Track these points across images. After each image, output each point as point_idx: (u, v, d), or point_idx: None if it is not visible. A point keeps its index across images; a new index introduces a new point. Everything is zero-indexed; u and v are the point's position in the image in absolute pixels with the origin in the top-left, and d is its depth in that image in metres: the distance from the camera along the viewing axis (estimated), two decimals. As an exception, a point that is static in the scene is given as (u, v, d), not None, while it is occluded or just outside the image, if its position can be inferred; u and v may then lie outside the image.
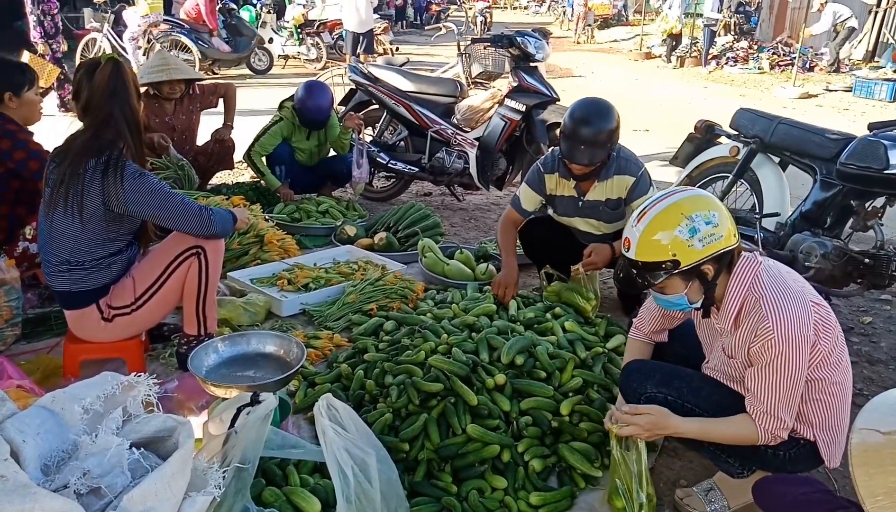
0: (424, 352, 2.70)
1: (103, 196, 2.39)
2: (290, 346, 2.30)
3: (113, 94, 2.46)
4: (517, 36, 4.90)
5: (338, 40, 14.20)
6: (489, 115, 5.13)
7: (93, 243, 2.47)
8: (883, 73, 12.85)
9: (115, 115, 2.46)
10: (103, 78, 2.45)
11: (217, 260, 2.64)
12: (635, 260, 1.98)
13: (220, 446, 1.75)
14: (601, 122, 3.09)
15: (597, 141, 3.09)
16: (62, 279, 2.51)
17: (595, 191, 3.33)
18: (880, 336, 3.67)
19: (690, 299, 2.02)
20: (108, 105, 2.46)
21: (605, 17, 26.33)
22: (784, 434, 1.93)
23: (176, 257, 2.58)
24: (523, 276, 4.11)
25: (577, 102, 3.22)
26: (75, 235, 2.43)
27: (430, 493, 2.17)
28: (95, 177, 2.38)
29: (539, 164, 3.44)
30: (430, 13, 26.55)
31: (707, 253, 1.91)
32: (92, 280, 2.51)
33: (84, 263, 2.48)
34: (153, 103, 4.65)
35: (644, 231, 1.95)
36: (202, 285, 2.63)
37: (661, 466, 2.46)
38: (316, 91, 4.81)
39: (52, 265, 2.51)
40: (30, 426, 1.47)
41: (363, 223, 4.66)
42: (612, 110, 3.15)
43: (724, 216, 1.94)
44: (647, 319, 2.37)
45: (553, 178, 3.37)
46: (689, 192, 2.01)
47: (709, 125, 4.35)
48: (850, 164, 3.40)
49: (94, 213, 2.41)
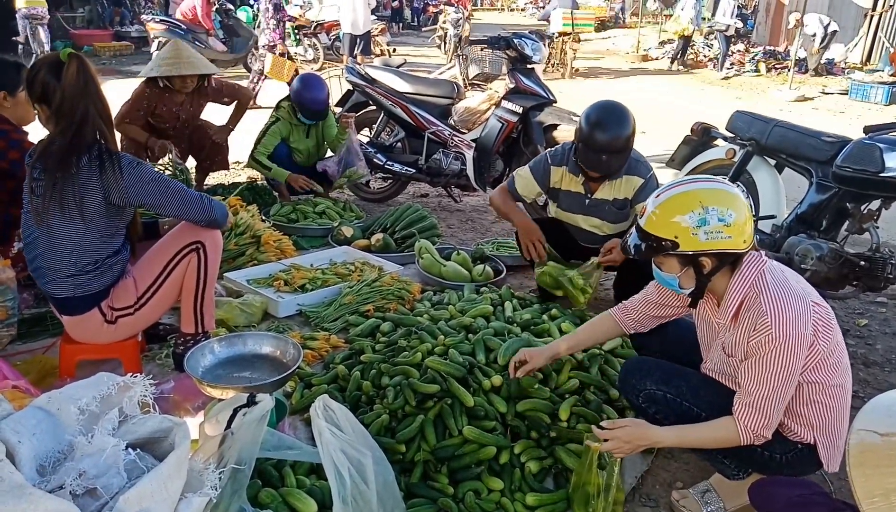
0: (421, 353, 2.70)
1: (104, 190, 2.38)
2: (286, 347, 2.29)
3: (85, 91, 2.41)
4: (514, 38, 4.91)
5: (335, 41, 14.20)
6: (486, 117, 5.14)
7: (97, 242, 2.46)
8: (879, 77, 12.91)
9: (90, 112, 2.41)
10: (72, 76, 2.39)
11: (216, 255, 2.64)
12: (642, 228, 2.01)
13: (216, 447, 1.75)
14: (620, 129, 3.09)
15: (616, 148, 3.09)
16: (66, 285, 2.48)
17: (603, 189, 3.33)
18: (876, 338, 3.68)
19: (682, 284, 2.05)
20: (83, 102, 2.40)
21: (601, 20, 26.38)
22: (767, 434, 1.93)
23: (176, 254, 2.58)
24: (519, 277, 4.11)
25: (593, 108, 3.19)
26: (79, 237, 2.41)
27: (427, 494, 2.17)
28: (92, 173, 2.36)
29: (548, 154, 3.41)
30: (427, 15, 26.55)
31: (708, 247, 1.92)
32: (96, 283, 2.50)
33: (88, 264, 2.46)
34: (164, 93, 4.58)
35: (659, 205, 1.98)
36: (201, 281, 2.63)
37: (657, 468, 2.46)
38: (311, 82, 4.84)
39: (54, 272, 2.47)
40: (25, 427, 1.47)
41: (360, 224, 4.66)
42: (629, 115, 3.15)
43: (743, 220, 1.94)
44: (638, 301, 2.38)
45: (560, 171, 3.36)
46: (719, 184, 2.02)
47: (705, 128, 4.37)
48: (845, 166, 3.41)
49: (96, 211, 2.40)
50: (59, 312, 2.60)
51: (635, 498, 2.32)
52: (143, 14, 14.36)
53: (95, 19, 17.02)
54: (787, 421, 2.00)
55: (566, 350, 2.49)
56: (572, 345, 2.49)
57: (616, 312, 2.44)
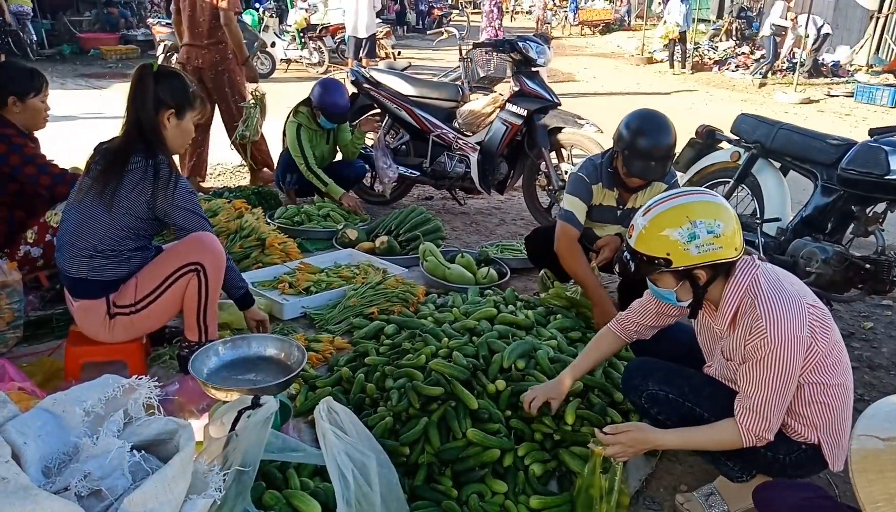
0: (425, 356, 2.70)
1: (151, 196, 2.49)
2: (290, 349, 2.30)
3: (133, 98, 2.56)
4: (519, 41, 4.91)
5: (340, 44, 14.23)
6: (491, 120, 5.14)
7: (123, 234, 2.54)
8: (885, 79, 12.88)
9: (141, 120, 2.55)
10: (132, 80, 2.58)
11: (217, 277, 2.66)
12: (633, 249, 2.02)
13: (220, 449, 1.75)
14: (665, 135, 3.08)
15: (663, 155, 3.08)
16: (81, 264, 2.53)
17: (633, 199, 3.35)
18: (881, 341, 3.67)
19: (679, 297, 2.06)
20: (132, 108, 2.56)
21: (606, 22, 26.38)
22: (769, 436, 1.93)
23: (175, 270, 2.60)
24: (524, 279, 4.12)
25: (634, 116, 3.15)
26: (107, 223, 2.51)
27: (431, 497, 2.17)
28: (146, 177, 2.49)
29: (582, 174, 3.33)
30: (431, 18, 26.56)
31: (701, 260, 1.93)
32: (110, 271, 2.56)
33: (109, 251, 2.53)
34: None
35: (647, 224, 1.98)
36: (202, 301, 2.66)
37: (661, 471, 2.46)
38: (332, 86, 4.90)
39: (75, 249, 2.53)
40: (31, 428, 1.48)
41: (364, 227, 4.67)
42: (670, 121, 3.15)
43: (731, 228, 1.94)
44: (636, 312, 2.38)
45: (598, 188, 3.35)
46: (703, 196, 2.02)
47: (710, 130, 4.36)
48: (850, 169, 3.40)
49: (131, 209, 2.51)
50: (70, 295, 2.63)
51: (639, 501, 2.32)
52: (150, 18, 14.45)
53: (102, 23, 17.10)
54: (790, 421, 2.00)
55: (571, 383, 2.41)
56: (577, 373, 2.43)
57: (614, 326, 2.43)
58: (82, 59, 14.96)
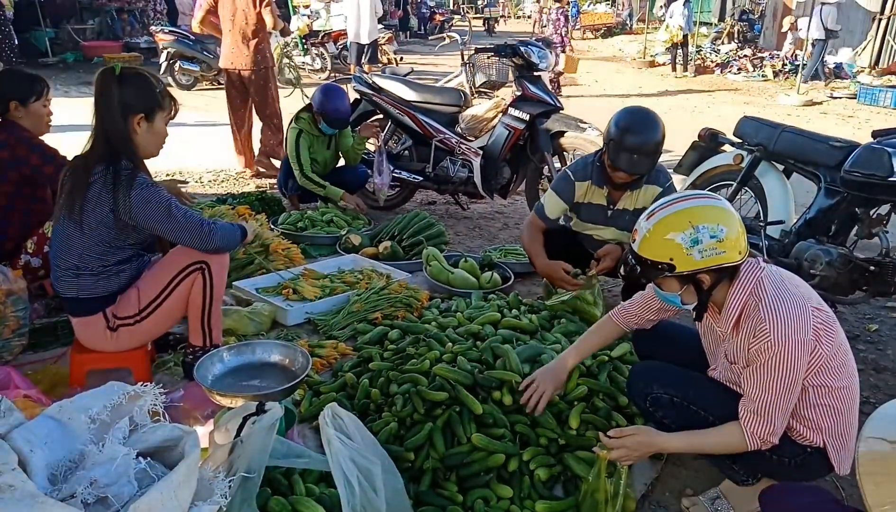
0: (429, 361, 2.70)
1: (112, 204, 2.41)
2: (295, 355, 2.30)
3: (98, 106, 2.47)
4: (520, 45, 4.92)
5: (342, 51, 14.27)
6: (493, 125, 5.14)
7: (100, 249, 2.48)
8: (888, 80, 12.85)
9: (105, 128, 2.46)
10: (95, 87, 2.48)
11: (221, 275, 2.65)
12: (637, 253, 2.02)
13: (225, 455, 1.75)
14: (651, 132, 3.11)
15: (647, 151, 3.10)
16: (70, 285, 2.52)
17: (625, 200, 3.35)
18: (886, 343, 3.65)
19: (684, 300, 2.06)
20: (98, 117, 2.47)
21: (608, 26, 26.42)
22: (774, 439, 1.93)
23: (180, 272, 2.59)
24: (527, 284, 4.11)
25: (623, 112, 3.21)
26: (81, 241, 2.46)
27: (436, 502, 2.16)
28: (106, 186, 2.41)
29: (569, 171, 3.42)
30: (433, 23, 26.65)
31: (704, 265, 1.93)
32: (100, 287, 2.53)
33: (92, 268, 2.49)
34: None
35: (651, 229, 1.98)
36: (206, 300, 2.64)
37: (666, 475, 2.45)
38: (334, 92, 4.91)
39: (60, 270, 2.52)
40: (37, 436, 1.48)
41: (368, 232, 4.67)
42: (659, 119, 3.18)
43: (734, 232, 1.94)
44: (637, 306, 2.40)
45: (584, 185, 3.37)
46: (707, 200, 2.01)
47: (713, 133, 4.36)
48: (854, 171, 3.40)
49: (101, 221, 2.43)
50: (69, 312, 2.63)
51: (645, 505, 2.31)
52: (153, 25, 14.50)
53: (105, 31, 17.15)
54: (795, 424, 1.99)
55: (574, 363, 2.49)
56: (579, 354, 2.50)
57: (616, 316, 2.45)
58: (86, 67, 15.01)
